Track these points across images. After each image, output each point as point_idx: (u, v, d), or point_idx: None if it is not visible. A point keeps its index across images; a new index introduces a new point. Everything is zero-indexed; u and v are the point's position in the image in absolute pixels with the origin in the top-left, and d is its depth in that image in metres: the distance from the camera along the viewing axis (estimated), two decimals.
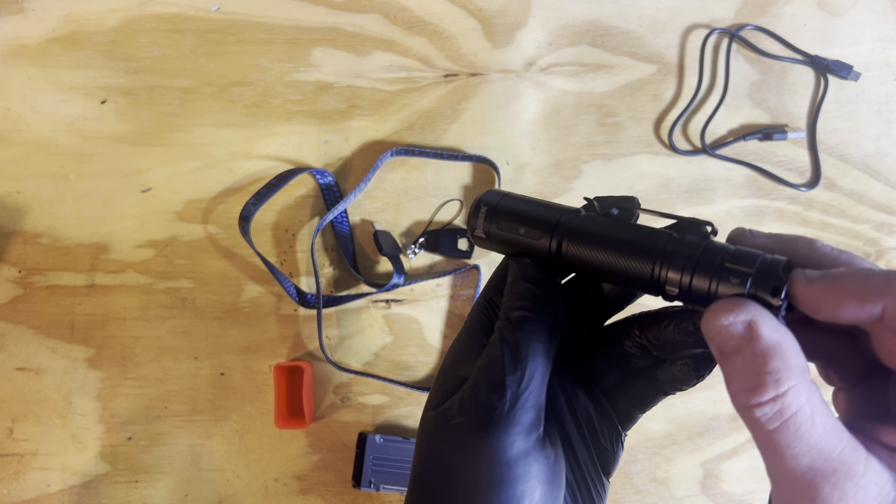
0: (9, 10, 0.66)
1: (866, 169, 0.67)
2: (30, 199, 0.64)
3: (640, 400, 0.30)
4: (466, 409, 0.25)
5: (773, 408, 0.20)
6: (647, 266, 0.25)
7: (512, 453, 0.24)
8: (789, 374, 0.20)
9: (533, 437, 0.25)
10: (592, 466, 0.29)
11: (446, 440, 0.25)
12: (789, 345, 0.21)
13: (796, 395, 0.20)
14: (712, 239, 0.25)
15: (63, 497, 0.61)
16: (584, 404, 0.30)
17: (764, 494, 0.63)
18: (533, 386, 0.25)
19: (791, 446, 0.20)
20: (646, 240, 0.25)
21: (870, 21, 0.69)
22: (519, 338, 0.25)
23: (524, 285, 0.27)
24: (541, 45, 0.67)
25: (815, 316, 0.22)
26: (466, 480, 0.24)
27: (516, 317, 0.26)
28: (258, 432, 0.62)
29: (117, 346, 0.62)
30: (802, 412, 0.20)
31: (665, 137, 0.67)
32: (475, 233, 0.29)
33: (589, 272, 0.27)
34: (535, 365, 0.25)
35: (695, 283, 0.23)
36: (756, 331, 0.21)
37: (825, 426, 0.20)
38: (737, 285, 0.22)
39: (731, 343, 0.21)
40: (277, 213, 0.64)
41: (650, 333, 0.28)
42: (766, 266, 0.22)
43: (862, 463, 0.20)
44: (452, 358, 0.28)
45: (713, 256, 0.23)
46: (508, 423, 0.24)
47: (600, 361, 0.30)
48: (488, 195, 0.29)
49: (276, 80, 0.66)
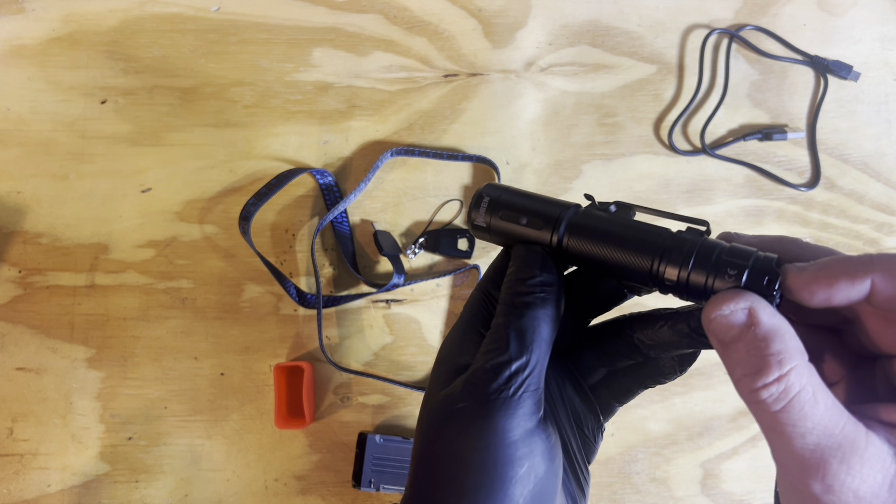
0: (9, 10, 0.66)
1: (866, 169, 0.67)
2: (30, 199, 0.64)
3: (621, 393, 0.31)
4: (472, 393, 0.26)
5: (777, 388, 0.21)
6: (647, 261, 0.26)
7: (517, 434, 0.25)
8: (790, 355, 0.21)
9: (535, 418, 0.26)
10: (579, 454, 0.30)
11: (452, 424, 0.26)
12: (787, 328, 0.22)
13: (798, 374, 0.21)
14: (707, 237, 0.26)
15: (63, 497, 0.61)
16: (570, 396, 0.31)
17: (764, 494, 0.63)
18: (536, 370, 0.26)
19: (797, 425, 0.20)
20: (645, 236, 0.26)
21: (870, 21, 0.69)
22: (525, 323, 0.26)
23: (533, 271, 0.27)
24: (541, 45, 0.67)
25: (809, 302, 0.23)
26: (473, 462, 0.25)
27: (524, 302, 0.26)
28: (258, 432, 0.62)
29: (117, 346, 0.62)
30: (805, 391, 0.21)
31: (665, 137, 0.67)
32: (476, 223, 0.29)
33: (588, 265, 0.28)
34: (539, 351, 0.26)
35: (692, 277, 0.25)
36: (756, 316, 0.22)
37: (826, 404, 0.21)
38: (733, 278, 0.24)
39: (733, 332, 0.22)
40: (277, 213, 0.64)
41: (643, 334, 0.28)
42: (760, 261, 0.24)
43: (863, 438, 0.20)
44: (449, 348, 0.29)
45: (710, 252, 0.25)
46: (514, 406, 0.25)
47: (588, 357, 0.31)
48: (490, 187, 0.30)
49: (276, 80, 0.66)
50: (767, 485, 0.63)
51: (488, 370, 0.25)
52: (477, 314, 0.29)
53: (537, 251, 0.28)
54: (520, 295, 0.27)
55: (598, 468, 0.63)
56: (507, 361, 0.25)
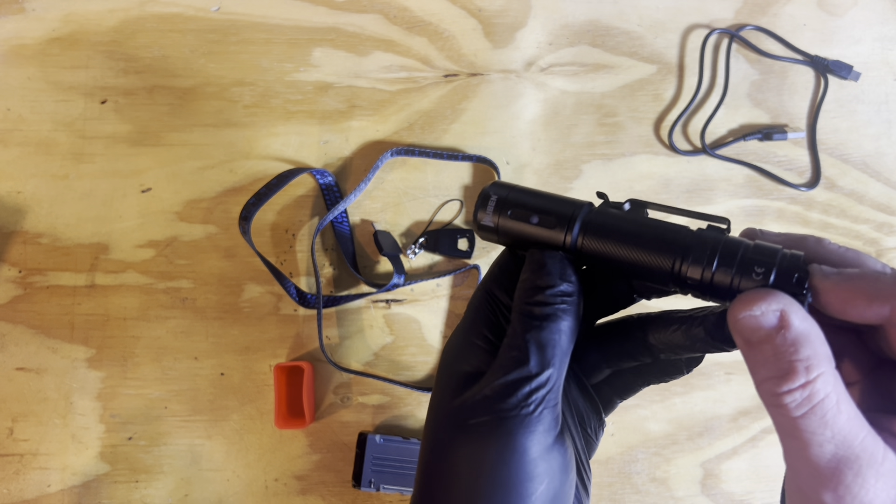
0: (9, 10, 0.66)
1: (866, 169, 0.67)
2: (30, 199, 0.64)
3: (624, 389, 0.31)
4: (490, 408, 0.25)
5: (802, 394, 0.20)
6: (668, 260, 0.25)
7: (536, 451, 0.24)
8: (818, 362, 0.20)
9: (554, 433, 0.25)
10: (583, 453, 0.30)
11: (468, 439, 0.25)
12: (817, 333, 0.21)
13: (825, 381, 0.20)
14: (729, 234, 0.25)
15: (63, 497, 0.61)
16: (575, 397, 0.30)
17: (764, 494, 0.63)
18: (557, 385, 0.25)
19: (817, 433, 0.20)
20: (666, 234, 0.25)
21: (870, 21, 0.69)
22: (545, 337, 0.25)
23: (553, 280, 0.26)
24: (541, 45, 0.67)
25: (825, 311, 0.22)
26: (490, 479, 0.24)
27: (544, 314, 0.25)
28: (258, 432, 0.62)
29: (117, 346, 0.62)
30: (829, 399, 0.20)
31: (665, 137, 0.67)
32: (483, 223, 0.28)
33: (603, 266, 0.26)
34: (561, 367, 0.25)
35: (717, 276, 0.24)
36: (787, 320, 0.21)
37: (849, 414, 0.20)
38: (760, 277, 0.23)
39: (761, 333, 0.21)
40: (277, 213, 0.64)
41: (654, 336, 0.28)
42: (788, 260, 0.23)
43: (881, 452, 0.20)
44: (454, 352, 0.28)
45: (735, 250, 0.24)
46: (534, 424, 0.24)
47: (593, 357, 0.30)
48: (496, 186, 0.28)
49: (276, 80, 0.66)
50: (767, 485, 0.63)
51: (508, 385, 0.24)
52: (481, 317, 0.28)
53: (557, 257, 0.26)
54: (539, 305, 0.25)
55: (598, 468, 0.63)
56: (528, 377, 0.24)
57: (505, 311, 0.27)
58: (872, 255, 0.70)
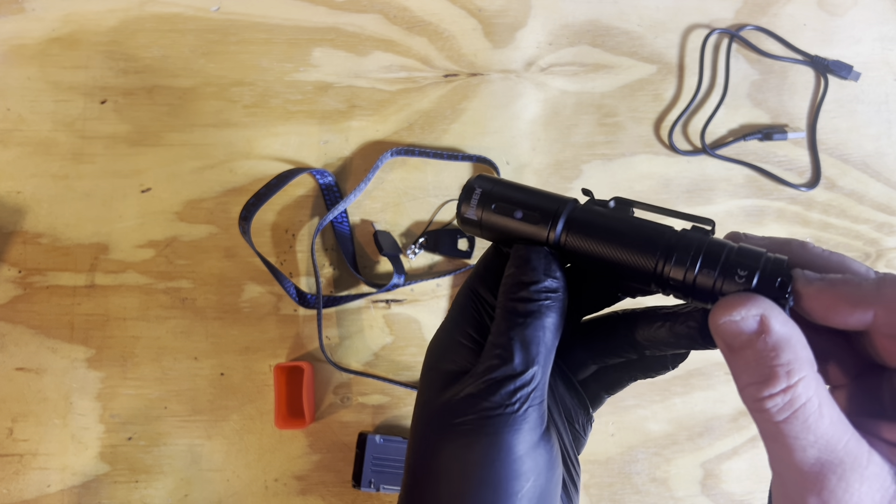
0: (9, 10, 0.66)
1: (866, 169, 0.67)
2: (30, 199, 0.64)
3: (611, 385, 0.31)
4: (474, 407, 0.25)
5: (783, 399, 0.20)
6: (651, 260, 0.24)
7: (522, 449, 0.24)
8: (800, 366, 0.20)
9: (539, 430, 0.25)
10: (571, 449, 0.29)
11: (453, 438, 0.25)
12: (798, 337, 0.21)
13: (806, 386, 0.20)
14: (713, 236, 0.25)
15: (63, 497, 0.61)
16: (562, 394, 0.30)
17: (764, 494, 0.63)
18: (542, 383, 0.25)
19: (799, 437, 0.20)
20: (649, 234, 0.25)
21: (870, 21, 0.69)
22: (530, 334, 0.25)
23: (538, 276, 0.25)
24: (541, 45, 0.67)
25: (808, 317, 0.22)
26: (476, 478, 0.24)
27: (528, 310, 0.25)
28: (258, 432, 0.62)
29: (117, 346, 0.62)
30: (811, 403, 0.20)
31: (665, 137, 0.67)
32: (466, 216, 0.27)
33: (587, 264, 0.26)
34: (546, 364, 0.25)
35: (699, 278, 0.23)
36: (768, 324, 0.21)
37: (832, 418, 0.20)
38: (743, 280, 0.23)
39: (742, 338, 0.21)
40: (277, 213, 0.64)
41: (639, 333, 0.28)
42: (772, 263, 0.23)
43: (865, 455, 0.20)
44: (438, 351, 0.28)
45: (718, 253, 0.23)
46: (520, 422, 0.24)
47: (578, 353, 0.30)
48: (481, 179, 0.28)
49: (276, 80, 0.66)
50: (767, 485, 0.63)
51: (492, 384, 0.24)
52: (465, 315, 0.27)
53: (541, 252, 0.26)
54: (523, 302, 0.25)
55: (598, 468, 0.63)
56: (512, 375, 0.24)
57: (489, 308, 0.27)
58: (872, 256, 0.70)
